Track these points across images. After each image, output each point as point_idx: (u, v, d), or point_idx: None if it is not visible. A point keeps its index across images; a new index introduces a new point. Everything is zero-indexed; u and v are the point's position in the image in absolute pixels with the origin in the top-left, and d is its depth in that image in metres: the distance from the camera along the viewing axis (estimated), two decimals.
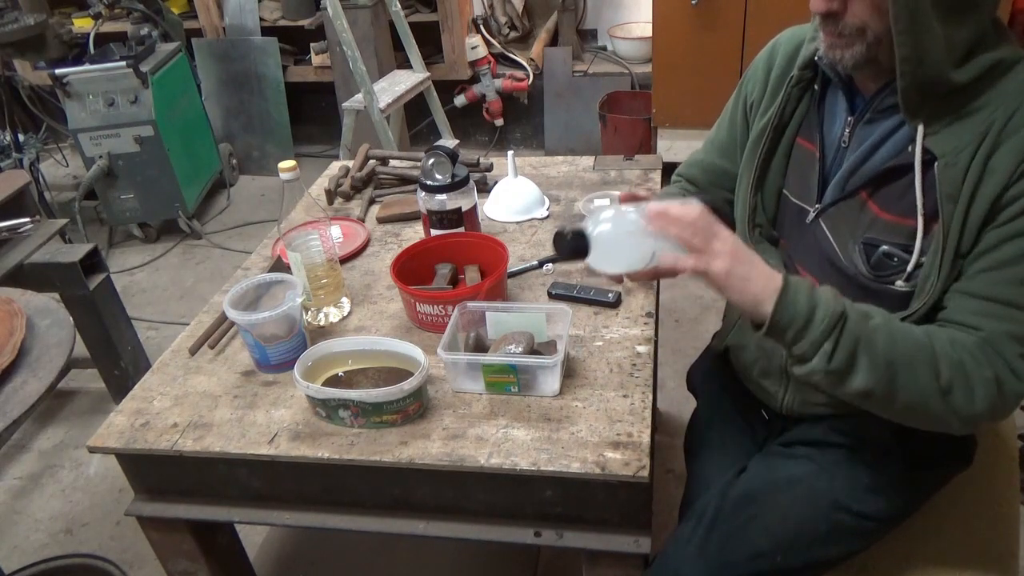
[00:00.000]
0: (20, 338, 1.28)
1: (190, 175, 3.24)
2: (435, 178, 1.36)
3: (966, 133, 0.89)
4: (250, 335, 1.15)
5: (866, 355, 0.87)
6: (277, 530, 1.74)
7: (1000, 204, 0.87)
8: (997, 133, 0.87)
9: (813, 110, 1.06)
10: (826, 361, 0.87)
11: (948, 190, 0.89)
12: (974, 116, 0.89)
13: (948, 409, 0.88)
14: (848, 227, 1.01)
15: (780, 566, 1.02)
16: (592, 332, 1.20)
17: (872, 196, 0.98)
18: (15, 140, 3.19)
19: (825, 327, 0.86)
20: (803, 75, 1.05)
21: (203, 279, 3.03)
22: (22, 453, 2.23)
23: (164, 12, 3.40)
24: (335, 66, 3.47)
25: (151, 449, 1.07)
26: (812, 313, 0.86)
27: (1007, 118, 0.87)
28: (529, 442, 1.01)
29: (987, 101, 0.88)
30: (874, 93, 0.98)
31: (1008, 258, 0.88)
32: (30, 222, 2.06)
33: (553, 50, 3.52)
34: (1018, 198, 0.86)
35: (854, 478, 1.06)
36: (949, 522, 1.13)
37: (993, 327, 0.88)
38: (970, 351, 0.88)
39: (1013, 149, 0.86)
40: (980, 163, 0.88)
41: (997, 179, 0.87)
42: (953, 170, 0.89)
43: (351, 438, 1.05)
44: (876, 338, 0.87)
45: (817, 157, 1.05)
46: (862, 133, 1.00)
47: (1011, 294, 0.88)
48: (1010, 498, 1.17)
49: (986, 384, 0.87)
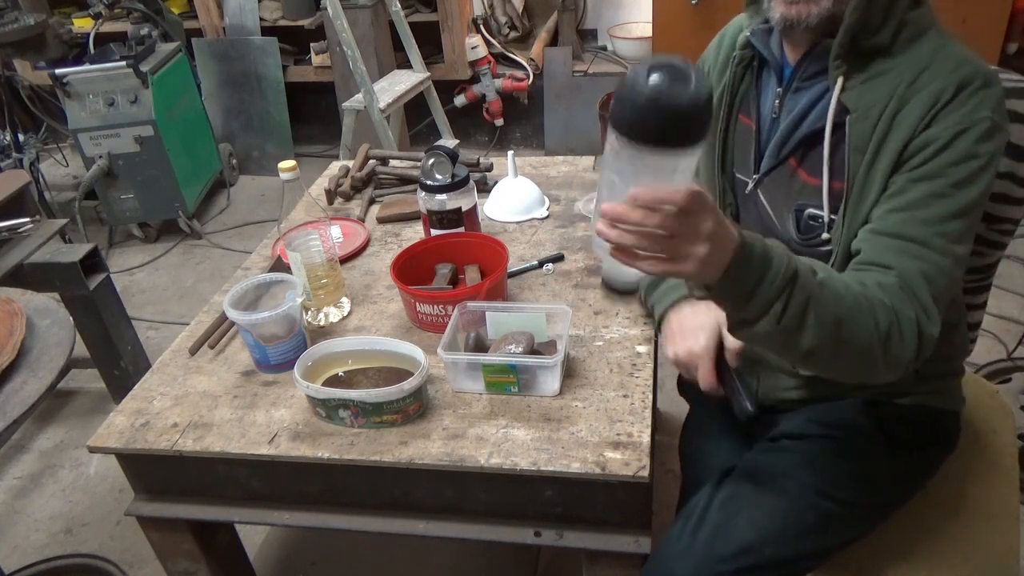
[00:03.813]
0: (20, 338, 1.28)
1: (190, 175, 3.24)
2: (435, 178, 1.36)
3: (879, 90, 0.94)
4: (250, 335, 1.15)
5: (814, 313, 0.83)
6: (277, 530, 1.74)
7: (907, 152, 0.92)
8: (906, 89, 0.92)
9: (751, 86, 1.09)
10: (775, 322, 0.81)
11: (856, 143, 0.95)
12: (887, 75, 0.94)
13: (886, 358, 0.87)
14: (782, 195, 1.06)
15: (769, 559, 1.02)
16: (592, 332, 1.20)
17: (801, 163, 1.03)
18: (15, 140, 3.19)
19: (776, 286, 0.80)
20: (744, 54, 1.08)
21: (203, 279, 3.03)
22: (22, 453, 2.23)
23: (164, 12, 3.40)
24: (335, 66, 3.47)
25: (151, 449, 1.07)
26: (764, 269, 0.80)
27: (915, 76, 0.92)
28: (529, 442, 1.01)
29: (900, 62, 0.94)
30: (799, 60, 1.01)
31: (916, 199, 0.91)
32: (30, 222, 2.06)
33: (553, 50, 3.52)
34: (924, 146, 0.91)
35: (837, 467, 1.06)
36: (949, 521, 1.13)
37: (907, 265, 0.90)
38: (894, 293, 0.88)
39: (920, 103, 0.91)
40: (888, 117, 0.93)
41: (903, 131, 0.92)
42: (863, 123, 0.94)
43: (351, 438, 1.05)
44: (824, 295, 0.84)
45: (753, 130, 1.09)
46: (790, 102, 1.04)
47: (921, 233, 0.90)
48: (1010, 497, 1.17)
49: (911, 325, 0.88)
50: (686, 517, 1.07)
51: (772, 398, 1.16)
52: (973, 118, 0.89)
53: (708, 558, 1.02)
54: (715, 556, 1.02)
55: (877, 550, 1.10)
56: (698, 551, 1.02)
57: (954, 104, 0.90)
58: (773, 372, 1.14)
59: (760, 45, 1.05)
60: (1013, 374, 2.02)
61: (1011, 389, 1.99)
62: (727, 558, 1.01)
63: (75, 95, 2.95)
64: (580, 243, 1.44)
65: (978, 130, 0.89)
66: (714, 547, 1.02)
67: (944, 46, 0.94)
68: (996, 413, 1.28)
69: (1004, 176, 1.08)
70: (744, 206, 1.14)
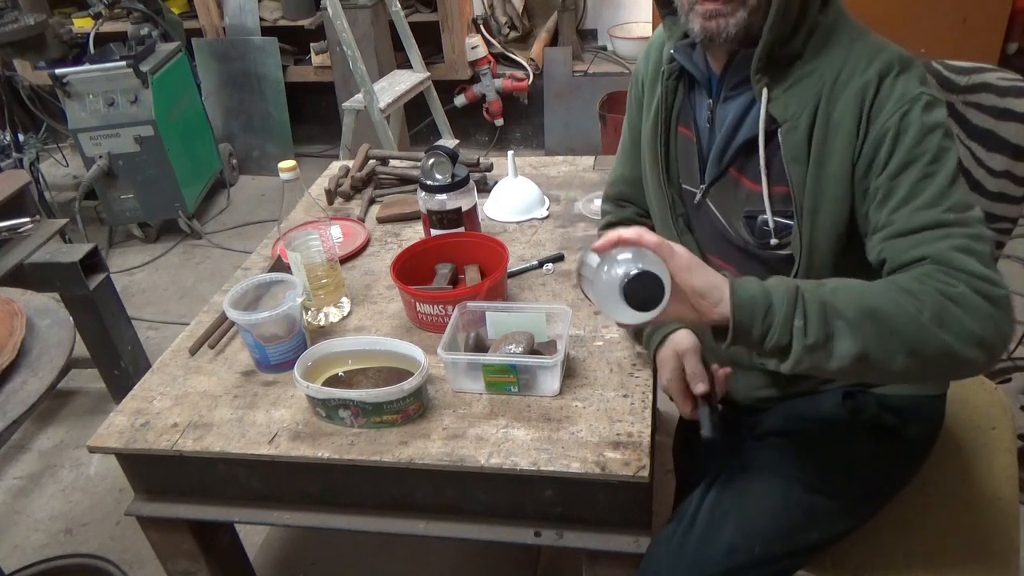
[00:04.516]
0: (20, 338, 1.28)
1: (190, 175, 3.24)
2: (435, 178, 1.36)
3: (802, 97, 0.95)
4: (250, 335, 1.15)
5: (838, 317, 0.83)
6: (277, 530, 1.74)
7: (863, 156, 0.92)
8: (829, 92, 0.93)
9: (685, 98, 1.10)
10: (803, 337, 0.82)
11: (792, 153, 0.96)
12: (808, 79, 0.95)
13: (953, 340, 0.83)
14: (730, 203, 1.07)
15: (759, 557, 1.02)
16: (592, 332, 1.20)
17: (742, 171, 1.04)
18: (15, 140, 3.19)
19: (787, 305, 0.82)
20: (672, 68, 1.09)
21: (203, 279, 3.03)
22: (22, 453, 2.23)
23: (164, 12, 3.40)
24: (335, 66, 3.47)
25: (151, 449, 1.07)
26: (769, 297, 0.83)
27: (835, 77, 0.93)
28: (529, 442, 1.01)
29: (817, 65, 0.95)
30: (722, 72, 1.02)
31: (907, 192, 0.90)
32: (30, 222, 2.06)
33: (553, 50, 3.52)
34: (879, 143, 0.91)
35: (821, 460, 1.06)
36: (948, 520, 1.13)
37: (936, 250, 0.87)
38: (935, 276, 0.86)
39: (848, 104, 0.92)
40: (822, 123, 0.94)
41: (843, 136, 0.93)
42: (795, 134, 0.95)
43: (351, 438, 1.05)
44: (838, 297, 0.84)
45: (694, 142, 1.10)
46: (721, 113, 1.05)
47: (931, 218, 0.89)
48: (1009, 496, 1.17)
49: (969, 297, 0.84)
50: (678, 518, 1.07)
51: (751, 397, 1.16)
52: (907, 97, 0.90)
53: (698, 559, 1.02)
54: (705, 557, 1.02)
55: (876, 549, 1.10)
56: (688, 553, 1.03)
57: (882, 94, 0.91)
58: (747, 372, 1.14)
59: (684, 60, 1.05)
60: (1013, 374, 2.02)
61: (1011, 389, 1.99)
62: (717, 559, 1.01)
63: (75, 95, 2.95)
64: (580, 243, 1.44)
65: (919, 105, 0.90)
66: (704, 548, 1.02)
67: (855, 41, 0.95)
68: (996, 412, 1.28)
69: (1002, 175, 1.08)
70: (695, 216, 1.14)
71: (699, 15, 0.94)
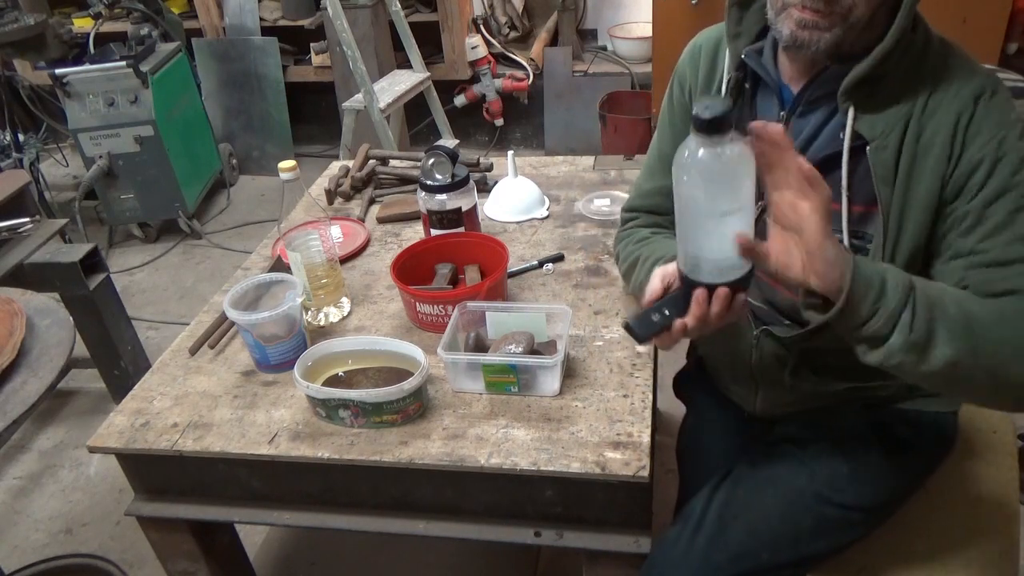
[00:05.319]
0: (20, 338, 1.28)
1: (190, 175, 3.24)
2: (435, 178, 1.36)
3: (892, 116, 0.92)
4: (250, 335, 1.15)
5: (943, 321, 0.83)
6: (277, 530, 1.74)
7: (954, 181, 0.90)
8: (920, 114, 0.91)
9: (747, 109, 1.06)
10: (907, 332, 0.81)
11: (882, 172, 0.93)
12: (898, 99, 0.92)
13: None
14: None
15: (766, 564, 1.02)
16: (592, 332, 1.20)
17: None
18: (15, 140, 3.19)
19: (901, 295, 0.81)
20: (737, 76, 1.05)
21: (203, 279, 3.03)
22: (22, 453, 2.23)
23: (164, 12, 3.40)
24: (335, 66, 3.47)
25: (151, 449, 1.07)
26: (884, 283, 0.82)
27: (926, 100, 0.91)
28: (529, 442, 1.01)
29: (908, 85, 0.92)
30: (803, 87, 0.99)
31: (1001, 220, 0.88)
32: (30, 222, 2.06)
33: (553, 50, 3.52)
34: (973, 168, 0.89)
35: (835, 470, 1.06)
36: (949, 521, 1.13)
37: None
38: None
39: (941, 128, 0.90)
40: (911, 144, 0.91)
41: (934, 160, 0.90)
42: (884, 153, 0.92)
43: (351, 438, 1.05)
44: (946, 301, 0.84)
45: None
46: (796, 127, 1.01)
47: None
48: (1010, 497, 1.17)
49: None
50: (684, 521, 1.07)
51: (771, 413, 1.16)
52: (1003, 123, 0.88)
53: (705, 564, 1.02)
54: (712, 562, 1.02)
55: (877, 550, 1.10)
56: (695, 557, 1.02)
57: (977, 117, 0.89)
58: (771, 386, 1.12)
59: (758, 68, 1.02)
60: None
61: None
62: (723, 565, 1.01)
63: (75, 95, 2.95)
64: (580, 243, 1.44)
65: (1015, 131, 0.88)
66: (711, 552, 1.02)
67: (944, 60, 0.92)
68: (996, 413, 1.28)
69: None
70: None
71: (793, 20, 0.90)
